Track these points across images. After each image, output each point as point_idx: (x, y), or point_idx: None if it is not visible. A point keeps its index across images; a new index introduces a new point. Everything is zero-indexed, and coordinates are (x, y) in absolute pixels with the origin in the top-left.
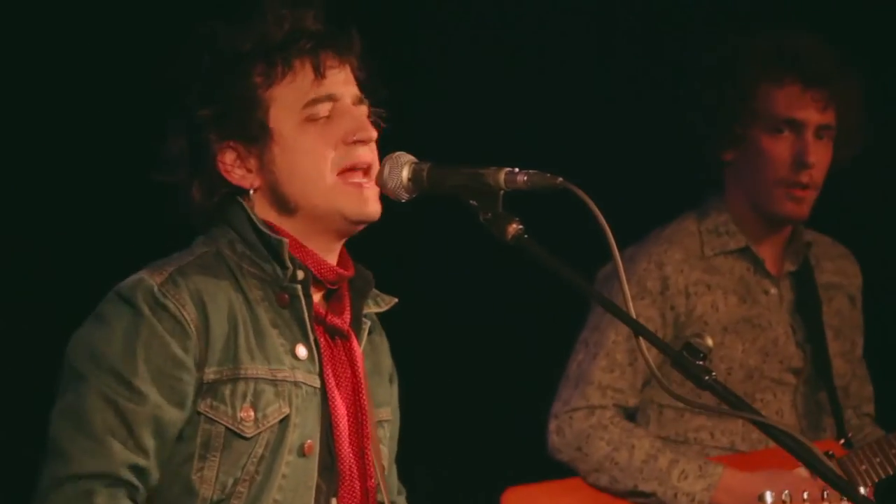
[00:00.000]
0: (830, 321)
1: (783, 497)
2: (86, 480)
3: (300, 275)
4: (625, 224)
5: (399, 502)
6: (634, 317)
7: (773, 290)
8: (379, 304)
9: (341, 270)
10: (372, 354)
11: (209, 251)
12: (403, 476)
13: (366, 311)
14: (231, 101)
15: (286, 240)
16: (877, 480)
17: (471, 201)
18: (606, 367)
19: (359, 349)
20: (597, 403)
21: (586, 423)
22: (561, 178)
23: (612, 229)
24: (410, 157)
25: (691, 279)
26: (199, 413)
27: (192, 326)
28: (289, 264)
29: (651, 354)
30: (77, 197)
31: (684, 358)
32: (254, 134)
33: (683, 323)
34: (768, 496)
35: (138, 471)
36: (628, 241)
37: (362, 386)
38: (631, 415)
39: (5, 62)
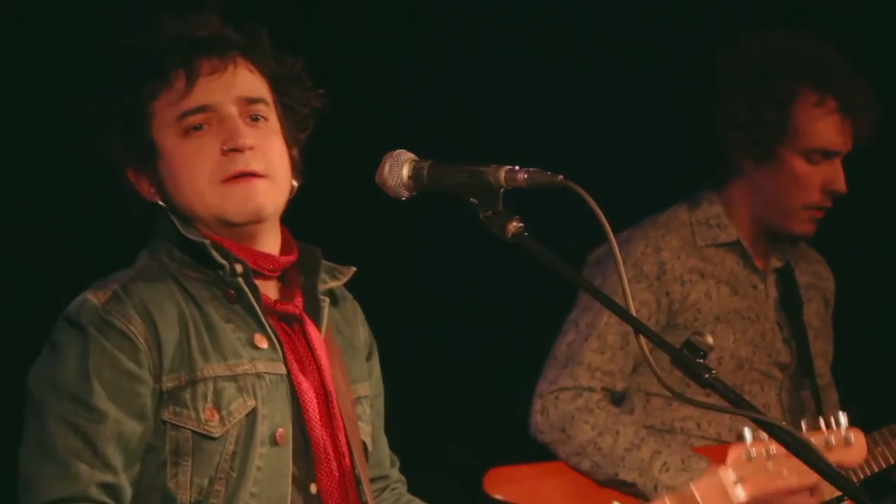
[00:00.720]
0: (811, 321)
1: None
2: None
3: (238, 268)
4: (625, 222)
5: (392, 475)
6: (635, 314)
7: (759, 286)
8: (337, 276)
9: (277, 257)
10: (345, 328)
11: (151, 263)
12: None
13: (323, 287)
14: (122, 120)
15: (206, 241)
16: (869, 473)
17: (471, 199)
18: (597, 348)
19: (316, 332)
20: (585, 385)
21: (572, 405)
22: (561, 176)
23: (612, 227)
24: (410, 155)
25: (687, 266)
26: (164, 422)
27: (140, 339)
28: (221, 262)
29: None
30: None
31: (684, 356)
32: (143, 152)
33: (677, 310)
34: (747, 433)
35: (108, 488)
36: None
37: (325, 368)
38: (617, 400)
39: None
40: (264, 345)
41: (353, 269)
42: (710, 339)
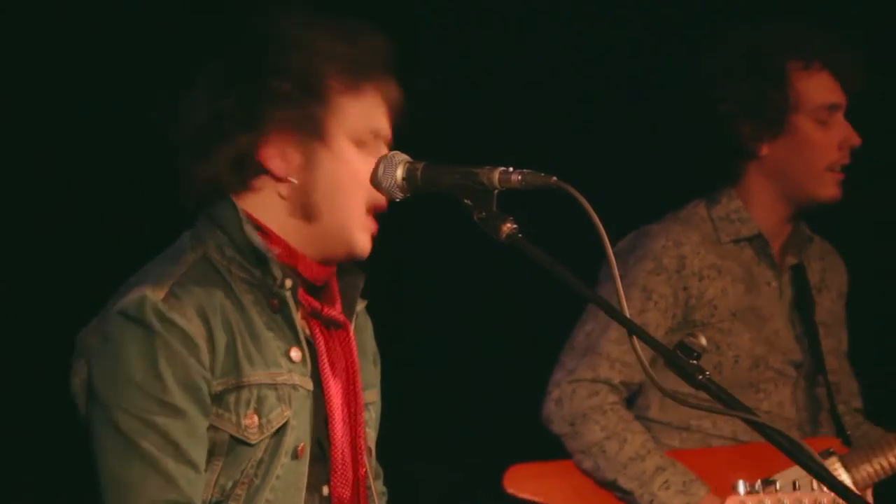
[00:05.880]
0: (822, 318)
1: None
2: None
3: (288, 283)
4: (618, 223)
5: (377, 486)
6: (627, 315)
7: (773, 283)
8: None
9: (329, 269)
10: (357, 336)
11: (197, 257)
12: (409, 455)
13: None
14: (305, 86)
15: (271, 254)
16: (878, 481)
17: (465, 200)
18: (617, 339)
19: (353, 339)
20: (604, 377)
21: (587, 403)
22: (555, 178)
23: (605, 228)
24: (405, 157)
25: (706, 262)
26: None
27: (200, 340)
28: (277, 274)
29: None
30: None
31: (678, 357)
32: (312, 129)
33: (693, 305)
34: (741, 486)
35: (191, 482)
36: (622, 240)
37: (357, 376)
38: (634, 393)
39: None
40: (297, 358)
41: (366, 301)
42: (703, 341)
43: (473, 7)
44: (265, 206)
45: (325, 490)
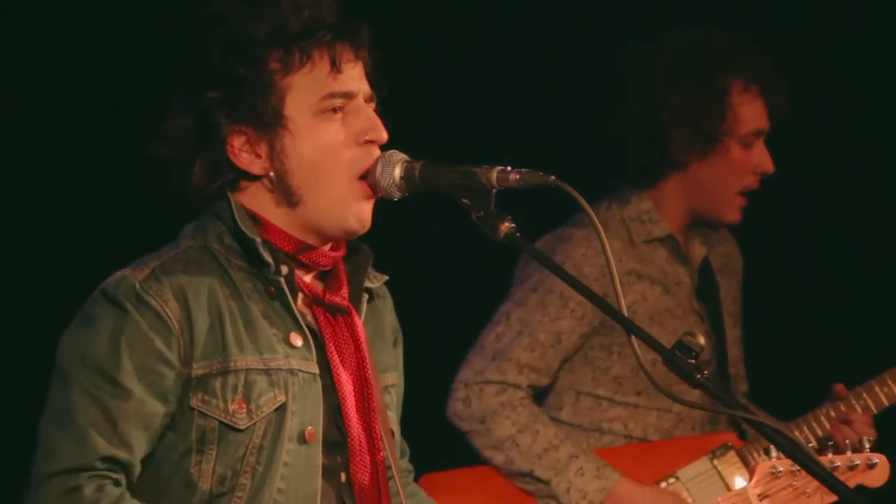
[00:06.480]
0: (728, 308)
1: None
2: (70, 475)
3: (283, 269)
4: None
5: (402, 464)
6: (626, 314)
7: (686, 280)
8: (371, 280)
9: (334, 254)
10: (373, 318)
11: (195, 245)
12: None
13: (366, 284)
14: (245, 84)
15: (258, 238)
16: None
17: (463, 199)
18: (528, 345)
19: (360, 324)
20: (511, 381)
21: (496, 399)
22: (553, 177)
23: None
24: (403, 156)
25: (626, 269)
26: (191, 408)
27: (174, 322)
28: (267, 260)
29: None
30: (63, 191)
31: (676, 356)
32: (267, 120)
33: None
34: (773, 450)
35: (119, 463)
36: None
37: (367, 361)
38: (539, 394)
39: None
40: (299, 343)
41: (386, 276)
42: (701, 340)
43: (473, 6)
44: (258, 200)
45: (343, 476)
